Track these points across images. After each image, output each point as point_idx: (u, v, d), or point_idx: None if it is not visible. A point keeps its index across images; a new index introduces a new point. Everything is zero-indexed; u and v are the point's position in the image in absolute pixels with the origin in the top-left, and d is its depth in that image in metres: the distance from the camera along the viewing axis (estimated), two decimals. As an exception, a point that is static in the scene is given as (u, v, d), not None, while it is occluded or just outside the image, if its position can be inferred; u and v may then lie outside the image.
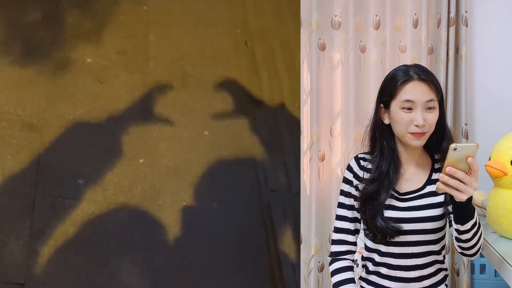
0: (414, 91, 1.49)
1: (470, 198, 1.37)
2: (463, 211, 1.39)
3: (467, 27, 2.44)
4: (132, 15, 2.49)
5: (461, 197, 1.34)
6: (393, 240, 1.53)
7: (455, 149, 1.31)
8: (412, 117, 1.48)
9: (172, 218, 2.01)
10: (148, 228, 1.99)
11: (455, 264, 2.50)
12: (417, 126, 1.47)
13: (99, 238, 1.94)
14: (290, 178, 2.17)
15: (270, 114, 2.31)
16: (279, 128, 2.29)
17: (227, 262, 1.95)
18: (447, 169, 1.32)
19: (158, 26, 2.48)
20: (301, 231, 2.49)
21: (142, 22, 2.48)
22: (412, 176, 1.57)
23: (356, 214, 1.60)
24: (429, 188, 1.55)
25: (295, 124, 2.34)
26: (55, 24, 2.40)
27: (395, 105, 1.51)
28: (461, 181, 1.33)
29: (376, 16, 2.46)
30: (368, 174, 1.57)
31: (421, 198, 1.54)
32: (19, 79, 2.23)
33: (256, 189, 2.12)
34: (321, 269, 2.54)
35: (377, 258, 1.59)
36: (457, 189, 1.34)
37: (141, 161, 2.11)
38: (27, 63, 2.27)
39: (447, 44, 2.44)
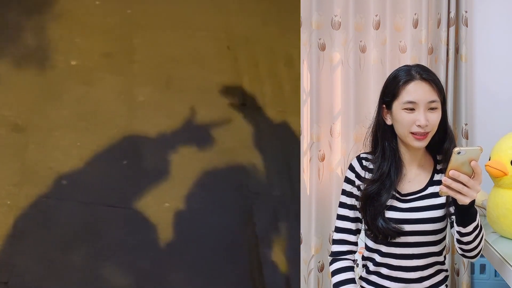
0: (416, 91, 1.48)
1: (473, 201, 1.37)
2: (466, 213, 1.39)
3: (467, 27, 2.44)
4: (117, 17, 2.50)
5: (464, 200, 1.34)
6: (394, 240, 1.53)
7: (458, 153, 1.31)
8: (415, 117, 1.48)
9: (157, 221, 2.01)
10: (134, 230, 1.98)
11: (455, 264, 2.50)
12: (419, 126, 1.47)
13: (84, 240, 1.93)
14: (273, 181, 2.17)
15: (253, 119, 2.31)
16: (262, 132, 2.28)
17: (210, 265, 1.94)
18: (451, 172, 1.32)
19: (142, 29, 2.49)
20: (301, 231, 2.49)
21: (127, 25, 2.49)
22: (414, 177, 1.57)
23: (358, 214, 1.60)
24: (431, 189, 1.55)
25: (277, 128, 2.33)
26: (40, 26, 2.41)
27: (397, 105, 1.51)
28: (465, 185, 1.33)
29: (376, 16, 2.47)
30: (370, 174, 1.57)
31: (422, 199, 1.54)
32: (5, 80, 2.24)
33: (239, 192, 2.11)
34: (321, 269, 2.54)
35: (377, 258, 1.58)
36: (460, 193, 1.34)
37: (124, 162, 2.11)
38: (12, 64, 2.28)
39: (447, 44, 2.44)
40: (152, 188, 2.08)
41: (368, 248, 1.63)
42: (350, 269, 1.60)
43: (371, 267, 1.61)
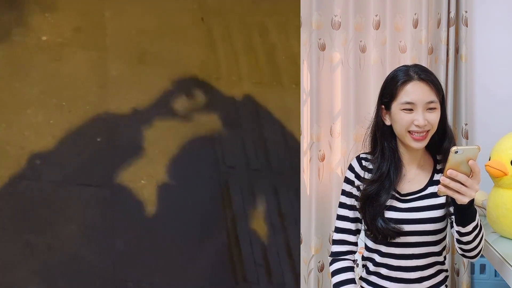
0: (415, 92, 1.48)
1: (472, 201, 1.37)
2: (465, 213, 1.39)
3: (467, 27, 2.44)
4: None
5: (462, 200, 1.34)
6: (394, 241, 1.53)
7: (456, 152, 1.31)
8: (413, 117, 1.48)
9: (131, 198, 1.99)
10: (108, 208, 1.97)
11: (455, 264, 2.50)
12: (418, 126, 1.47)
13: (59, 220, 1.91)
14: (248, 154, 2.15)
15: (227, 91, 2.28)
16: (236, 105, 2.26)
17: (186, 240, 1.94)
18: (448, 172, 1.32)
19: (113, 2, 2.42)
20: (301, 231, 2.49)
21: (98, -3, 2.43)
22: (414, 177, 1.57)
23: (357, 214, 1.60)
24: (431, 189, 1.55)
25: (252, 101, 2.29)
26: (8, 1, 2.35)
27: (395, 106, 1.51)
28: (463, 184, 1.33)
29: (376, 16, 2.46)
30: (370, 175, 1.57)
31: (422, 199, 1.54)
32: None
33: (214, 166, 2.10)
34: (321, 269, 2.54)
35: (377, 258, 1.58)
36: (458, 192, 1.34)
37: (98, 139, 2.08)
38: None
39: (447, 44, 2.44)
40: (127, 165, 2.06)
41: (368, 248, 1.63)
42: (350, 269, 1.60)
43: (371, 268, 1.61)
